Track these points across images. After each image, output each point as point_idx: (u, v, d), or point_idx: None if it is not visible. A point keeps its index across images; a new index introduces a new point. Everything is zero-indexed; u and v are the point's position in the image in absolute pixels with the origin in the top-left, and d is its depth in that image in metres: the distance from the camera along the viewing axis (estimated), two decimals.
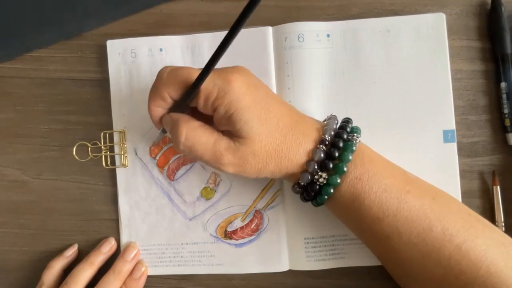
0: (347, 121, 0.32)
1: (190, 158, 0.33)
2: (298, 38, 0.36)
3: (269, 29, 0.37)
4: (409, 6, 0.37)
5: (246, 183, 0.37)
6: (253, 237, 0.37)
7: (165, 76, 0.30)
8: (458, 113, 0.37)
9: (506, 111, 0.36)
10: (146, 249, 0.38)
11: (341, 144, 0.30)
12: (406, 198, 0.29)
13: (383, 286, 0.36)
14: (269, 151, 0.29)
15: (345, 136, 0.31)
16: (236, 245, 0.37)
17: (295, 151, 0.30)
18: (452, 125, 0.36)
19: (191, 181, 0.38)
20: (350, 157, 0.30)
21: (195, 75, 0.28)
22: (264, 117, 0.29)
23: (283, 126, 0.30)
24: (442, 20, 0.36)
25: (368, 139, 0.35)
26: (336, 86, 0.37)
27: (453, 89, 0.36)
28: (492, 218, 0.36)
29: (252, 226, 0.37)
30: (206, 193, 0.38)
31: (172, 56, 0.38)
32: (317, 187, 0.30)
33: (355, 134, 0.31)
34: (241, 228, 0.37)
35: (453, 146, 0.36)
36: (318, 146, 0.30)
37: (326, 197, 0.30)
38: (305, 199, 0.32)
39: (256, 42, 0.37)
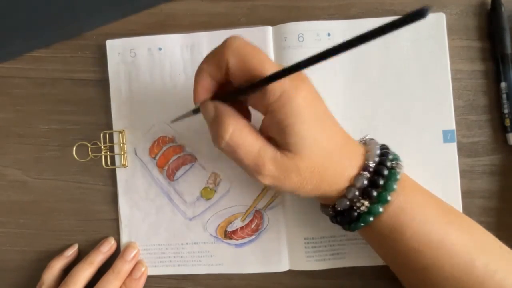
0: (386, 147, 0.31)
1: (229, 155, 0.28)
2: (298, 38, 0.36)
3: (269, 29, 0.37)
4: (409, 6, 0.37)
5: (246, 183, 0.37)
6: (253, 237, 0.37)
7: (234, 45, 0.26)
8: (458, 113, 0.37)
9: (506, 111, 0.36)
10: (146, 249, 0.38)
11: (385, 172, 0.28)
12: (449, 230, 0.28)
13: (383, 286, 0.36)
14: (313, 171, 0.27)
15: (388, 164, 0.29)
16: (236, 245, 0.37)
17: (339, 176, 0.28)
18: (452, 125, 0.36)
19: (191, 181, 0.38)
20: (395, 186, 0.28)
21: (267, 66, 0.25)
22: (319, 136, 0.27)
23: (333, 148, 0.27)
24: (442, 20, 0.36)
25: None
26: (336, 86, 0.37)
27: (453, 89, 0.36)
28: (494, 218, 0.36)
29: (252, 226, 0.37)
30: (206, 193, 0.38)
31: (172, 55, 0.38)
32: (355, 214, 0.29)
33: (399, 162, 0.30)
34: (241, 228, 0.37)
35: (453, 146, 0.36)
36: (361, 172, 0.28)
37: (362, 224, 0.29)
38: (337, 222, 0.31)
39: (256, 42, 0.37)
